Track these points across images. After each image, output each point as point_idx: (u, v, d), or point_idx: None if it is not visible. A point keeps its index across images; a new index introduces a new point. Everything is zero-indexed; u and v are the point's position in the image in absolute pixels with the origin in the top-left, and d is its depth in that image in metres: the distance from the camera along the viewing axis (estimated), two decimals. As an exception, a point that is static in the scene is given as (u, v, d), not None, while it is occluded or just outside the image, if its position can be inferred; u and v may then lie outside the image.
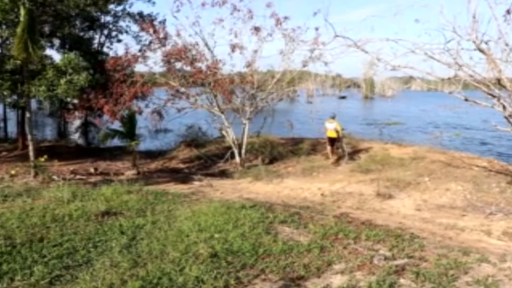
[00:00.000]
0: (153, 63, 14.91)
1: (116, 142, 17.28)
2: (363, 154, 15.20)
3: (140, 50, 16.04)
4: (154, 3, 21.65)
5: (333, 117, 14.69)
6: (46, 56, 16.75)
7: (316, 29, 14.05)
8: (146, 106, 15.64)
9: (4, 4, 13.94)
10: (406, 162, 13.47)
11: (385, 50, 15.43)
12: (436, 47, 11.03)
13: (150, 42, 15.25)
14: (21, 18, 11.50)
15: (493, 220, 7.63)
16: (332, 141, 14.56)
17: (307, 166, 13.96)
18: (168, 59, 14.43)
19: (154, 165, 17.02)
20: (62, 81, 14.11)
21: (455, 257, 5.22)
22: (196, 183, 12.05)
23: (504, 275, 4.72)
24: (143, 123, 17.19)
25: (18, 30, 11.38)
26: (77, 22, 18.99)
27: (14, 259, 4.99)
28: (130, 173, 14.37)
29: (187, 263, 4.83)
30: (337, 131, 14.33)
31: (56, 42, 18.93)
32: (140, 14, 20.34)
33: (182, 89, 14.99)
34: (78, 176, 12.98)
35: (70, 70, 14.39)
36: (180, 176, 14.03)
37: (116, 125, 15.34)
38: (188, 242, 5.59)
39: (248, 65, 14.99)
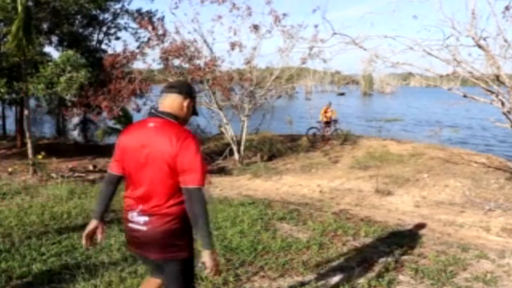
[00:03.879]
0: (152, 60, 14.89)
1: (115, 139, 17.26)
2: (362, 151, 15.22)
3: (138, 47, 16.02)
4: (152, 0, 21.65)
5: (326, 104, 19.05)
6: (45, 54, 16.73)
7: (315, 26, 14.04)
8: (145, 103, 15.62)
9: (5, 3, 13.88)
10: (405, 159, 13.49)
11: (384, 47, 15.43)
12: (434, 43, 11.03)
13: (149, 39, 15.22)
14: (18, 16, 11.46)
15: (492, 217, 7.63)
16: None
17: (306, 163, 13.96)
18: (166, 57, 14.40)
19: (153, 162, 16.98)
20: (62, 79, 14.07)
21: (454, 254, 5.22)
22: (195, 180, 12.03)
23: (503, 272, 4.73)
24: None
25: (13, 28, 11.34)
26: (76, 20, 18.95)
27: (13, 257, 4.98)
28: (129, 170, 14.35)
29: (186, 261, 4.82)
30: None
31: (54, 39, 18.89)
32: (139, 11, 20.32)
33: (181, 86, 14.95)
34: (76, 174, 12.96)
35: (69, 68, 14.35)
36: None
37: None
38: (187, 239, 5.58)
39: (247, 62, 14.98)
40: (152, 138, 2.46)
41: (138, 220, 2.53)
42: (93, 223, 2.86)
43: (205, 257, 2.38)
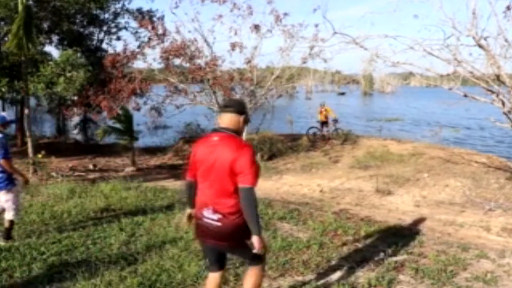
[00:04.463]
0: (152, 59, 14.87)
1: (115, 137, 17.26)
2: (362, 150, 15.21)
3: (139, 47, 16.00)
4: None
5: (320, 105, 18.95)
6: (45, 53, 16.73)
7: (316, 25, 14.00)
8: (145, 103, 15.61)
9: (7, 0, 13.88)
10: (405, 158, 13.49)
11: (384, 46, 15.42)
12: (435, 43, 11.02)
13: (149, 39, 15.19)
14: (19, 15, 11.48)
15: (492, 216, 7.63)
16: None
17: (306, 162, 13.96)
18: (166, 56, 14.38)
19: (153, 161, 17.01)
20: (61, 79, 14.08)
21: (454, 253, 5.22)
22: (195, 179, 12.02)
23: (503, 271, 4.73)
24: (142, 120, 17.17)
25: (14, 26, 11.36)
26: (76, 19, 18.94)
27: (13, 256, 4.99)
28: (129, 169, 14.38)
29: (186, 260, 4.82)
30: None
31: (55, 38, 18.89)
32: (139, 10, 20.30)
33: (181, 86, 14.95)
34: (77, 173, 12.99)
35: (68, 67, 14.36)
36: (179, 172, 14.01)
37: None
38: (187, 238, 5.58)
39: (248, 61, 14.95)
40: (217, 149, 3.06)
41: (213, 217, 3.09)
42: (188, 211, 3.45)
43: (253, 239, 3.00)
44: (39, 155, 12.07)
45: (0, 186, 5.57)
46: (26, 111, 13.40)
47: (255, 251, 3.02)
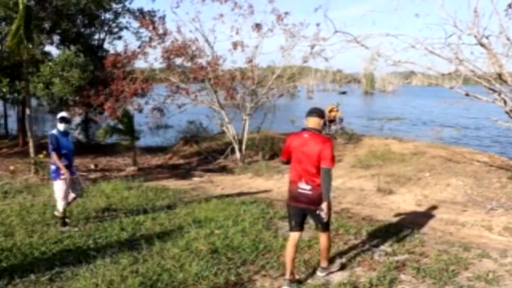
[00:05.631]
0: (153, 59, 14.87)
1: (116, 138, 17.28)
2: (364, 150, 15.18)
3: (139, 47, 16.01)
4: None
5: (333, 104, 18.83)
6: (46, 53, 16.75)
7: (317, 24, 13.99)
8: (146, 103, 15.61)
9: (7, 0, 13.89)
10: (407, 158, 13.44)
11: (385, 45, 15.38)
12: (436, 41, 10.98)
13: (150, 39, 15.20)
14: (19, 14, 11.47)
15: (494, 216, 7.61)
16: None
17: (307, 161, 13.90)
18: (167, 56, 14.38)
19: (154, 161, 17.02)
20: (57, 80, 14.09)
21: (455, 253, 5.21)
22: (196, 179, 12.05)
23: (505, 271, 4.71)
24: (143, 119, 17.17)
25: (14, 26, 11.36)
26: (77, 19, 18.95)
27: (15, 256, 4.99)
28: (130, 169, 14.38)
29: (187, 260, 4.83)
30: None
31: (56, 38, 18.90)
32: (140, 10, 20.31)
33: (182, 85, 14.95)
34: (78, 173, 12.98)
35: (67, 68, 14.35)
36: (180, 172, 14.03)
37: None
38: (188, 238, 5.59)
39: (249, 61, 14.94)
40: (308, 142, 4.25)
41: (305, 187, 4.25)
42: None
43: (323, 205, 4.11)
44: (41, 155, 12.08)
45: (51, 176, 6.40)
46: (27, 111, 13.40)
47: (322, 214, 4.09)
